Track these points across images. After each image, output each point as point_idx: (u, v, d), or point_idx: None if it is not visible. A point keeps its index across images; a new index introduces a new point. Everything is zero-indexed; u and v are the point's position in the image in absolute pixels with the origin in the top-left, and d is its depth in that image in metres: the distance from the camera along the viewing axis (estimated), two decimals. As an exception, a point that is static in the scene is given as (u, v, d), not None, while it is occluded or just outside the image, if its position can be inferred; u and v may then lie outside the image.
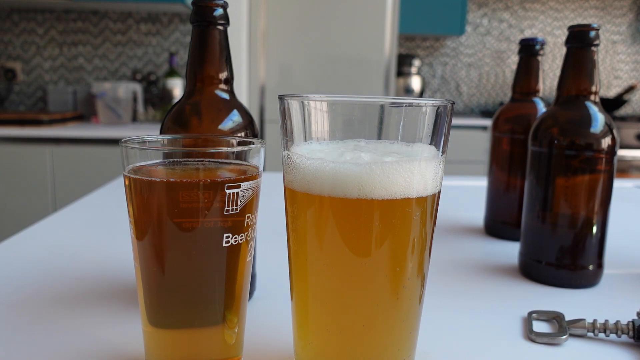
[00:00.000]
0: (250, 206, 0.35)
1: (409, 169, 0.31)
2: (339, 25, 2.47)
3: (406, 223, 0.32)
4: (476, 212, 0.85)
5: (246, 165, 0.36)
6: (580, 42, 0.56)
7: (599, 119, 0.56)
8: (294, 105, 0.33)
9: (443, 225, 0.80)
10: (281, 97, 0.34)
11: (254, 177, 0.35)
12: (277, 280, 0.54)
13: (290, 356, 0.40)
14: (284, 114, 0.34)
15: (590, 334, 0.44)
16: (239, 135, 0.45)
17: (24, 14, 2.67)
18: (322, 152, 0.33)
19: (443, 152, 0.34)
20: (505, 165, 0.75)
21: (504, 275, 0.60)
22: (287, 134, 0.34)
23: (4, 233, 1.01)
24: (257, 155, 0.36)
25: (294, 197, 0.34)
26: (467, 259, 0.66)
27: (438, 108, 0.32)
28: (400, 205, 0.31)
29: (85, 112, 2.66)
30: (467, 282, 0.58)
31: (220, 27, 0.45)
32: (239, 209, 0.34)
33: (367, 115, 0.33)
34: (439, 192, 0.34)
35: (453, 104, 0.33)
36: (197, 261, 0.33)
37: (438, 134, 0.33)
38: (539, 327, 0.47)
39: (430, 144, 0.33)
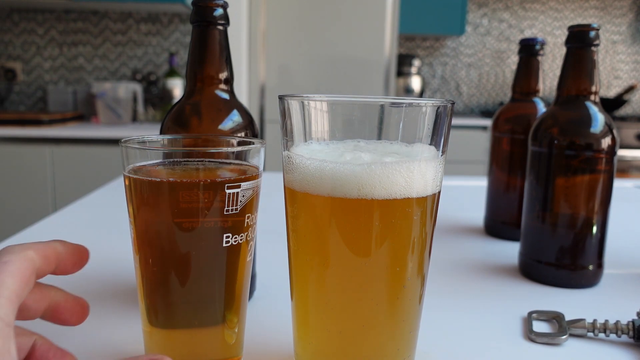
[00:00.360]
0: (250, 206, 0.35)
1: (409, 169, 0.31)
2: (339, 25, 2.47)
3: (406, 223, 0.32)
4: (476, 212, 0.85)
5: (246, 165, 0.36)
6: (580, 42, 0.56)
7: (599, 119, 0.56)
8: (294, 105, 0.33)
9: (443, 225, 0.80)
10: (281, 97, 0.34)
11: (254, 177, 0.35)
12: (277, 280, 0.54)
13: (290, 356, 0.40)
14: (284, 114, 0.34)
15: (590, 334, 0.44)
16: (239, 135, 0.45)
17: (24, 14, 2.67)
18: (322, 153, 0.33)
19: (443, 152, 0.34)
20: (505, 165, 0.75)
21: (504, 275, 0.60)
22: (287, 134, 0.34)
23: (4, 233, 1.01)
24: (257, 155, 0.36)
25: (294, 197, 0.34)
26: (467, 259, 0.66)
27: (438, 108, 0.32)
28: (400, 205, 0.31)
29: (85, 112, 2.66)
30: (467, 282, 0.58)
31: (220, 27, 0.45)
32: (239, 209, 0.34)
33: (367, 116, 0.33)
34: (439, 192, 0.35)
35: (453, 104, 0.33)
36: (197, 261, 0.33)
37: (438, 134, 0.33)
38: (539, 327, 0.47)
39: (430, 144, 0.33)
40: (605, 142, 0.55)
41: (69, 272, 0.34)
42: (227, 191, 0.33)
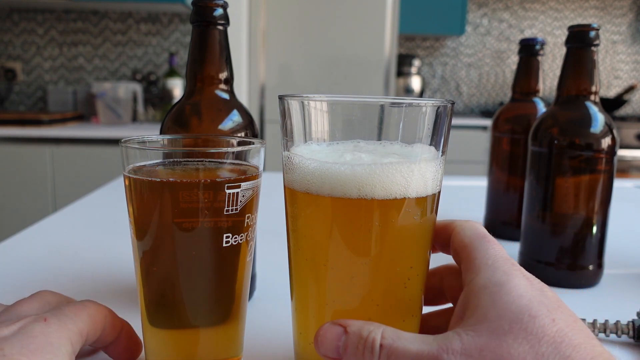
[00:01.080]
0: (250, 206, 0.35)
1: (408, 169, 0.31)
2: (339, 25, 2.47)
3: (406, 223, 0.32)
4: (476, 212, 0.85)
5: (246, 165, 0.36)
6: (580, 42, 0.56)
7: (599, 119, 0.56)
8: (293, 106, 0.33)
9: (443, 225, 0.80)
10: (281, 97, 0.34)
11: (254, 177, 0.35)
12: (277, 280, 0.54)
13: (290, 356, 0.40)
14: (284, 114, 0.34)
15: (590, 334, 0.44)
16: (239, 135, 0.45)
17: (24, 14, 2.67)
18: (322, 153, 0.33)
19: (443, 152, 0.34)
20: (505, 165, 0.75)
21: (504, 275, 0.60)
22: (287, 134, 0.34)
23: (4, 233, 1.01)
24: (257, 155, 0.36)
25: (294, 197, 0.34)
26: (467, 259, 0.66)
27: (438, 108, 0.32)
28: (400, 205, 0.31)
29: (85, 112, 2.66)
30: (467, 282, 0.58)
31: (220, 27, 0.45)
32: (239, 209, 0.34)
33: (367, 116, 0.33)
34: (439, 192, 0.34)
35: (453, 104, 0.33)
36: (197, 261, 0.33)
37: (438, 134, 0.33)
38: (539, 327, 0.46)
39: (430, 144, 0.33)
40: (605, 142, 0.55)
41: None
42: (227, 191, 0.33)
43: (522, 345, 0.25)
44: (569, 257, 0.56)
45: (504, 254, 0.31)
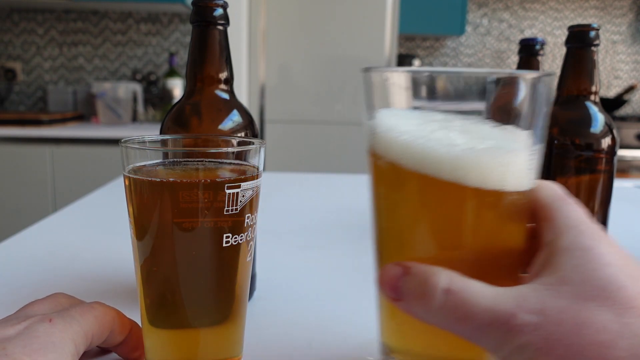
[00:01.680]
0: (250, 206, 0.35)
1: (506, 160, 0.29)
2: (339, 25, 2.47)
3: (499, 216, 0.30)
4: (476, 212, 0.85)
5: (246, 165, 0.36)
6: (580, 42, 0.56)
7: (599, 119, 0.56)
8: (377, 79, 0.32)
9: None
10: (367, 69, 0.32)
11: (254, 177, 0.35)
12: (277, 280, 0.54)
13: (291, 356, 0.40)
14: (368, 87, 0.32)
15: (590, 334, 0.44)
16: (239, 135, 0.46)
17: (24, 14, 2.67)
18: (413, 126, 0.30)
19: (542, 140, 0.31)
20: (505, 165, 0.75)
21: (504, 275, 0.60)
22: (370, 109, 0.33)
23: (4, 233, 1.01)
24: (257, 155, 0.36)
25: (381, 173, 0.32)
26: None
27: (539, 82, 0.29)
28: (495, 196, 0.29)
29: (85, 112, 2.66)
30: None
31: (220, 27, 0.45)
32: (239, 209, 0.34)
33: (466, 90, 0.30)
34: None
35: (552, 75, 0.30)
36: (197, 261, 0.33)
37: (536, 116, 0.30)
38: (539, 327, 0.46)
39: (529, 128, 0.30)
40: (605, 142, 0.55)
41: (125, 355, 0.37)
42: (227, 191, 0.33)
43: (606, 313, 0.24)
44: (569, 257, 0.56)
45: (587, 218, 0.29)
